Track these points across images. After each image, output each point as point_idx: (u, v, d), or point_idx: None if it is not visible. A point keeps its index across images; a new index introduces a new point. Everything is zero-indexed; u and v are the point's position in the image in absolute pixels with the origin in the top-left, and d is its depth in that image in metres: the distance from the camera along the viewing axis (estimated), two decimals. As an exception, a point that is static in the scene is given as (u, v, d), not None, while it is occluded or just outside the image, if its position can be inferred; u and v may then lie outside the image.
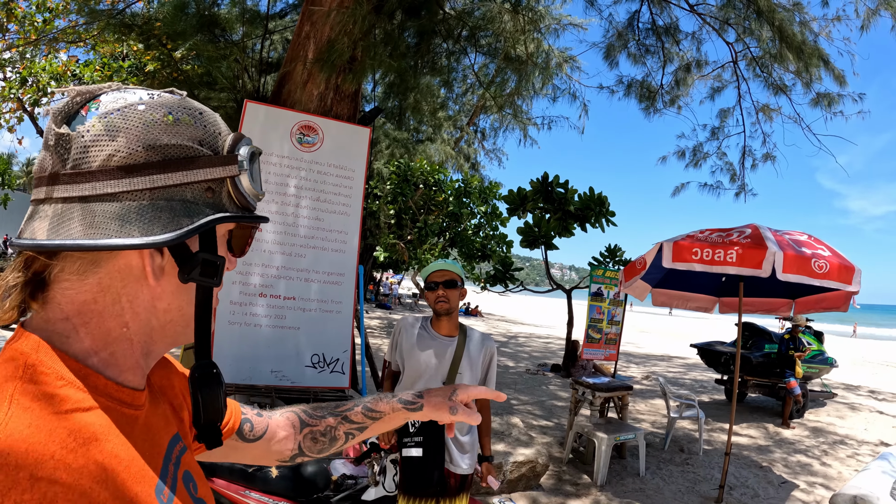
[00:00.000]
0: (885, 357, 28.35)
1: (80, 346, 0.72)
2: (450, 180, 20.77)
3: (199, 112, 0.79)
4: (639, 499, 6.00)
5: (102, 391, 0.71)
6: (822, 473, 7.35)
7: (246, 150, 0.82)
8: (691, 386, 13.42)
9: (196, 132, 0.77)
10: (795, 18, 8.88)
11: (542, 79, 10.36)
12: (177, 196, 0.74)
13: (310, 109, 6.03)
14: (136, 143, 0.71)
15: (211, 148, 0.78)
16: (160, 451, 0.80)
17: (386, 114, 10.79)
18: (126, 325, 0.75)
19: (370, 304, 32.91)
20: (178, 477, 0.83)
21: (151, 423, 0.81)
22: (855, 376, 17.82)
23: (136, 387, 0.78)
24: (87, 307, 0.72)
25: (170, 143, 0.73)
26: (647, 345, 24.92)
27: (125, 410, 0.74)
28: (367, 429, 1.27)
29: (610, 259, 13.35)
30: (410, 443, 3.17)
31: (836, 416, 10.89)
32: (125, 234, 0.69)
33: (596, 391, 7.21)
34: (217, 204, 0.78)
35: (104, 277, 0.73)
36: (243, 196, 0.81)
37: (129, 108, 0.73)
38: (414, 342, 3.26)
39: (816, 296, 7.12)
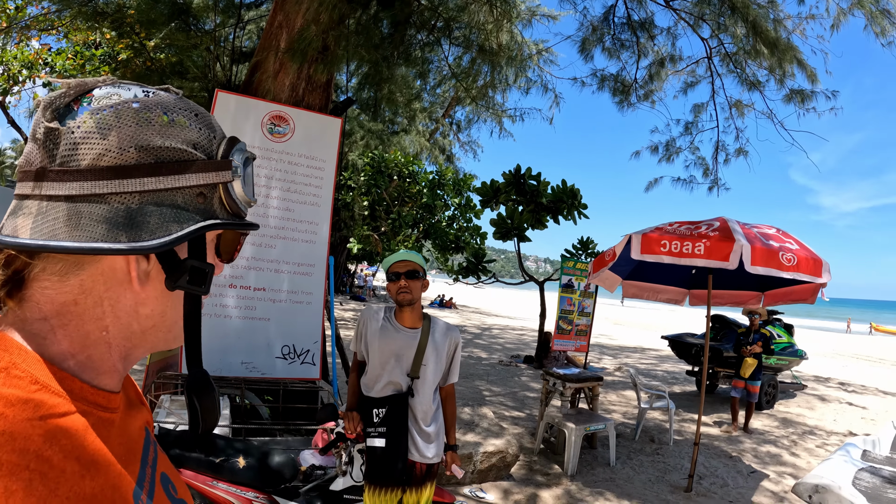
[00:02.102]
0: (856, 350, 28.86)
1: (56, 348, 0.69)
2: (424, 172, 20.77)
3: (195, 113, 0.77)
4: (609, 488, 6.06)
5: (78, 395, 0.68)
6: (790, 463, 7.48)
7: (240, 156, 0.80)
8: (663, 377, 13.58)
9: (191, 135, 0.74)
10: (769, 15, 8.96)
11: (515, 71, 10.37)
12: (167, 201, 0.71)
13: (281, 99, 5.99)
14: (128, 143, 0.69)
15: (205, 152, 0.75)
16: (137, 455, 0.78)
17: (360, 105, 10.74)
18: (106, 329, 0.72)
19: (344, 296, 32.81)
20: (156, 480, 0.81)
21: (127, 426, 0.79)
22: (825, 368, 18.14)
23: (113, 390, 0.75)
24: (67, 308, 0.69)
25: (163, 145, 0.71)
26: (621, 337, 25.12)
27: (101, 414, 0.71)
28: None
29: (582, 251, 13.44)
30: (374, 433, 3.18)
31: (805, 408, 11.09)
32: (112, 239, 0.67)
33: (566, 382, 7.26)
34: (208, 210, 0.76)
35: (87, 280, 0.70)
36: (235, 203, 0.79)
37: (122, 106, 0.70)
38: (377, 332, 3.24)
39: (785, 288, 7.23)
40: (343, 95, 10.49)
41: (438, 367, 3.33)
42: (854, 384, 14.94)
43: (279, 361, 5.51)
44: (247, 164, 0.82)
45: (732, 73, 10.77)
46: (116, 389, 0.76)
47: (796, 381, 13.48)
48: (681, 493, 6.09)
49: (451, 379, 3.46)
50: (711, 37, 10.33)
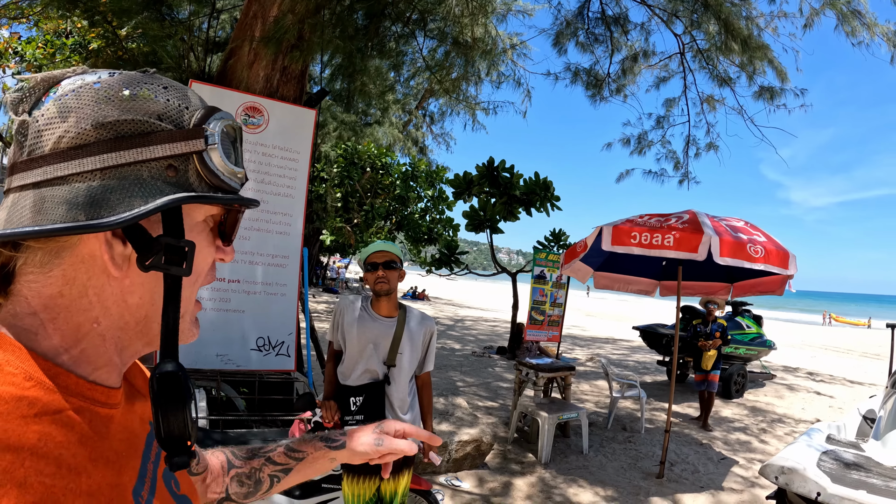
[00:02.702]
0: (824, 341, 29.42)
1: (48, 342, 0.67)
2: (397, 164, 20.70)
3: (164, 86, 0.72)
4: (582, 476, 6.16)
5: (74, 390, 0.66)
6: (760, 450, 7.66)
7: (217, 124, 0.73)
8: (635, 367, 13.76)
9: (155, 106, 0.69)
10: (742, 13, 9.08)
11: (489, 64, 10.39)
12: (131, 176, 0.67)
13: (255, 90, 5.95)
14: (86, 121, 0.66)
15: (173, 122, 0.70)
16: (138, 451, 0.76)
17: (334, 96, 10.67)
18: (96, 321, 0.70)
19: (317, 288, 32.66)
20: (158, 475, 0.79)
21: (128, 421, 0.76)
22: (794, 359, 18.50)
23: (111, 385, 0.73)
24: (54, 301, 0.67)
25: (122, 118, 0.67)
26: (593, 328, 25.33)
27: (99, 410, 0.69)
28: (293, 470, 1.20)
29: (554, 243, 13.51)
30: (352, 421, 3.21)
31: (774, 397, 11.32)
32: (70, 219, 0.63)
33: (539, 371, 7.35)
34: (182, 183, 0.70)
35: (68, 269, 0.67)
36: (215, 174, 0.72)
37: (83, 88, 0.68)
38: (354, 321, 3.27)
39: (753, 280, 7.36)
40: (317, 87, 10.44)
41: (414, 356, 3.38)
42: (822, 374, 15.27)
43: (254, 353, 5.50)
44: (230, 134, 0.77)
45: (704, 69, 10.88)
46: (115, 384, 0.74)
47: (765, 370, 13.74)
48: (653, 480, 6.20)
49: (426, 367, 3.51)
50: (684, 33, 10.43)
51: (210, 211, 0.78)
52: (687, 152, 12.66)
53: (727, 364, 11.09)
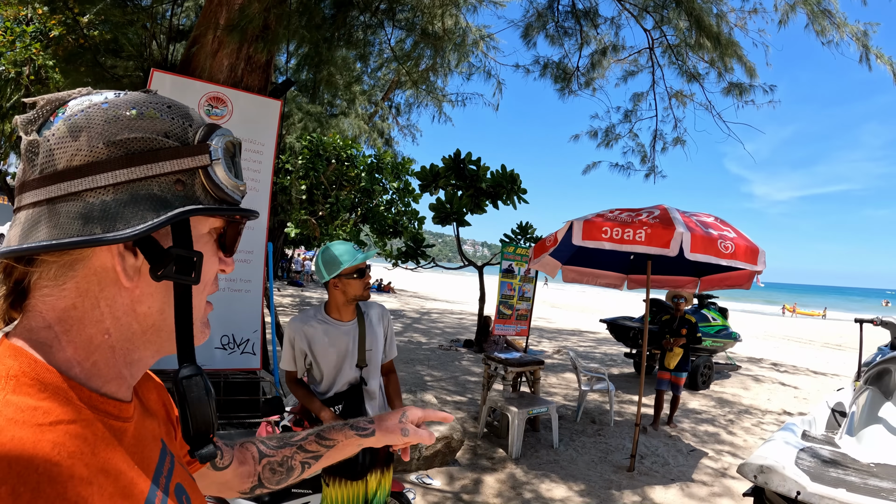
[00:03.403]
0: (787, 331, 29.99)
1: (62, 355, 0.70)
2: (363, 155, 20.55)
3: (168, 105, 0.76)
4: (553, 470, 6.13)
5: (87, 403, 0.69)
6: (728, 441, 7.70)
7: (219, 140, 0.78)
8: (601, 359, 13.83)
9: (161, 125, 0.74)
10: (713, 10, 9.10)
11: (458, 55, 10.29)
12: (142, 191, 0.71)
13: (219, 80, 5.78)
14: (98, 140, 0.69)
15: (179, 139, 0.75)
16: (150, 465, 0.77)
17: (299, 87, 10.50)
18: (107, 332, 0.73)
19: (282, 281, 32.36)
20: (171, 491, 0.80)
21: (140, 435, 0.78)
22: (758, 350, 18.80)
23: (122, 398, 0.76)
24: (68, 314, 0.70)
25: (131, 136, 0.71)
26: (559, 320, 25.47)
27: (112, 423, 0.72)
28: (323, 457, 1.29)
29: (521, 236, 13.49)
30: None
31: (740, 388, 11.45)
32: (87, 233, 0.67)
33: (508, 366, 7.31)
34: (189, 197, 0.74)
35: (81, 282, 0.70)
36: (219, 188, 0.77)
37: (92, 108, 0.71)
38: (324, 339, 3.15)
39: (721, 274, 7.42)
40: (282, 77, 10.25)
41: (379, 349, 3.32)
42: (786, 364, 15.51)
43: (218, 352, 5.36)
44: (231, 148, 0.81)
45: (673, 65, 10.92)
46: (126, 398, 0.77)
47: (731, 362, 13.92)
48: (624, 473, 6.20)
49: (390, 354, 3.45)
50: (654, 28, 10.44)
51: (214, 223, 0.82)
52: (654, 146, 12.71)
53: (694, 356, 11.19)
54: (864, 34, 8.71)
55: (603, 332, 18.33)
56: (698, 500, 5.67)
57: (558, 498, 5.44)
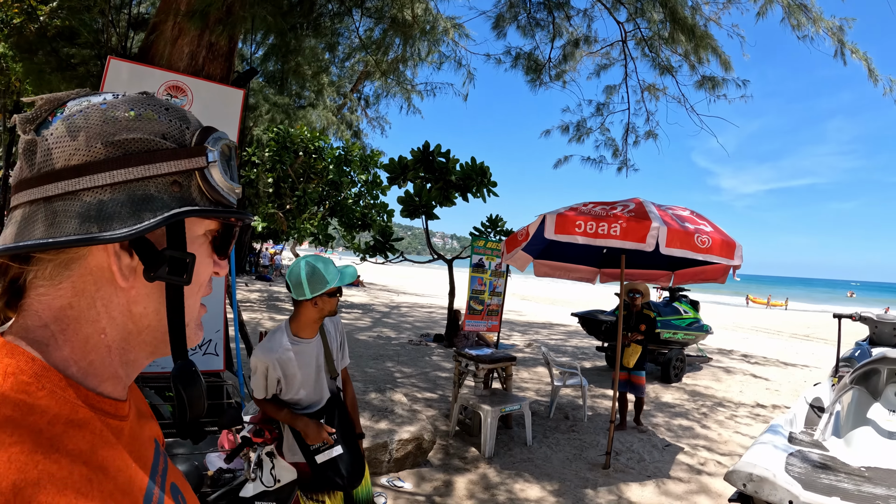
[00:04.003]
0: (755, 322, 30.39)
1: (59, 354, 0.69)
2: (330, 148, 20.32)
3: (165, 108, 0.76)
4: (527, 469, 6.02)
5: (84, 401, 0.68)
6: (703, 435, 7.67)
7: (216, 143, 0.78)
8: (573, 353, 13.81)
9: (159, 126, 0.74)
10: (687, 3, 9.05)
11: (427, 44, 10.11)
12: (139, 191, 0.71)
13: (179, 68, 5.55)
14: (96, 139, 0.69)
15: (176, 141, 0.75)
16: (147, 464, 0.77)
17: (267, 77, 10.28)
18: (103, 332, 0.73)
19: (249, 276, 31.96)
20: (166, 489, 0.80)
21: (136, 434, 0.78)
22: (728, 341, 18.98)
23: (118, 397, 0.76)
24: (64, 313, 0.70)
25: (129, 137, 0.71)
26: (529, 313, 25.49)
27: (109, 421, 0.71)
28: None
29: (491, 229, 13.42)
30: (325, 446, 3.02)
31: (712, 380, 11.51)
32: (83, 232, 0.67)
33: (479, 363, 7.17)
34: (185, 199, 0.74)
35: (77, 281, 0.71)
36: (215, 190, 0.77)
37: (90, 108, 0.71)
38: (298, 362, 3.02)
39: (696, 268, 7.35)
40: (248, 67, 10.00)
41: (339, 356, 3.28)
42: (756, 356, 15.70)
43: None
44: (227, 152, 0.81)
45: (646, 58, 10.89)
46: (122, 397, 0.77)
47: (701, 353, 13.99)
48: (599, 471, 6.11)
49: (344, 362, 3.37)
50: (627, 20, 10.40)
51: (209, 226, 0.82)
52: (626, 140, 12.70)
53: (666, 349, 11.21)
54: (839, 29, 8.71)
55: (574, 325, 18.34)
56: (675, 497, 5.59)
57: (533, 498, 5.32)
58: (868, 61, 8.68)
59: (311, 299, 2.96)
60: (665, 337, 11.22)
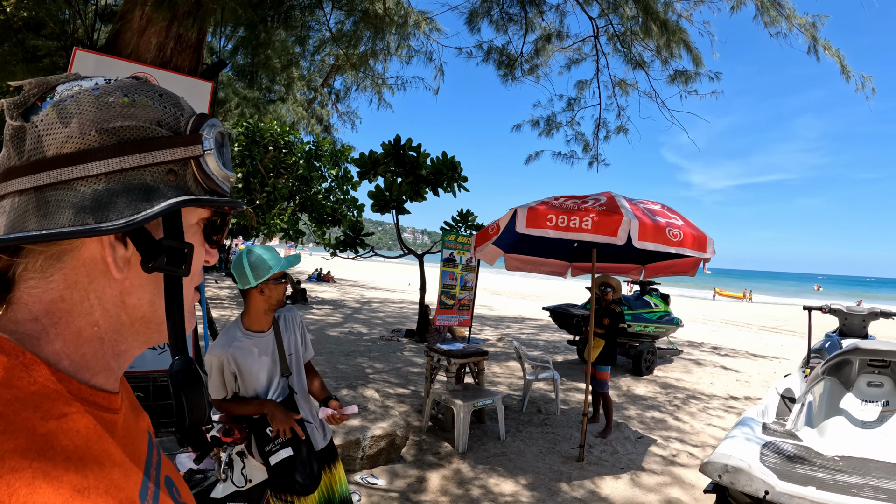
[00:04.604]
0: (723, 315, 30.81)
1: (51, 348, 0.67)
2: (301, 142, 20.15)
3: (159, 94, 0.74)
4: (501, 463, 6.02)
5: (77, 395, 0.66)
6: (675, 427, 7.75)
7: (211, 130, 0.76)
8: (545, 347, 13.86)
9: (154, 113, 0.72)
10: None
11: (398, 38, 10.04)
12: (135, 180, 0.69)
13: (147, 60, 5.44)
14: (90, 126, 0.67)
15: (171, 129, 0.73)
16: (141, 457, 0.76)
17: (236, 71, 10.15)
18: (97, 324, 0.71)
19: (220, 272, 31.60)
20: (161, 483, 0.79)
21: (129, 427, 0.77)
22: (698, 334, 19.21)
23: (111, 390, 0.74)
24: (56, 306, 0.68)
25: (124, 124, 0.69)
26: (501, 307, 25.54)
27: (103, 415, 0.69)
28: None
29: (462, 223, 13.41)
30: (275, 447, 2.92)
31: (683, 372, 11.66)
32: (79, 223, 0.65)
33: (451, 358, 7.16)
34: (181, 187, 0.73)
35: (69, 273, 0.69)
36: (210, 178, 0.76)
37: (83, 94, 0.69)
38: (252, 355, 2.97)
39: (667, 262, 7.42)
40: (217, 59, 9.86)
41: (299, 352, 3.20)
42: (725, 348, 15.93)
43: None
44: (221, 139, 0.79)
45: (618, 53, 10.96)
46: (115, 389, 0.75)
47: (672, 346, 14.14)
48: (573, 464, 6.13)
49: (308, 355, 3.30)
50: (600, 16, 10.46)
51: (202, 214, 0.80)
52: (597, 135, 12.80)
53: (637, 342, 11.31)
54: (812, 26, 8.83)
55: (545, 319, 18.42)
56: (649, 489, 5.63)
57: (507, 492, 5.32)
58: (840, 58, 8.81)
59: (256, 286, 2.92)
60: (636, 330, 11.32)
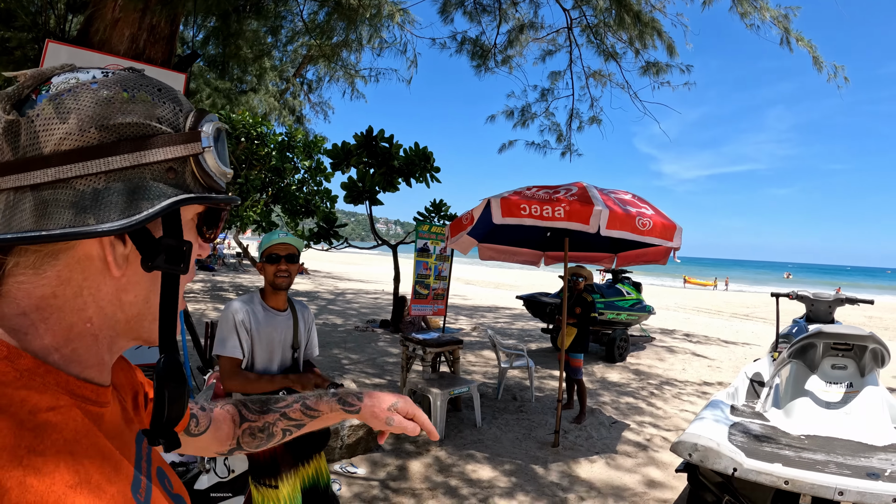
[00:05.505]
0: (696, 303, 31.22)
1: (39, 342, 0.67)
2: (273, 133, 19.99)
3: (158, 88, 0.73)
4: (478, 450, 6.09)
5: (64, 388, 0.66)
6: (649, 412, 7.90)
7: (210, 127, 0.75)
8: (519, 336, 13.96)
9: (154, 109, 0.70)
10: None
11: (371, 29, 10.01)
12: (135, 178, 0.68)
13: (119, 52, 5.39)
14: (89, 123, 0.65)
15: (171, 125, 0.72)
16: (131, 449, 0.76)
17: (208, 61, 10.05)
18: (90, 321, 0.70)
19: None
20: (153, 474, 0.79)
21: (118, 420, 0.77)
22: (670, 321, 19.45)
23: (101, 382, 0.74)
24: (46, 302, 0.67)
25: (125, 121, 0.67)
26: (475, 296, 25.62)
27: (91, 408, 0.70)
28: (305, 426, 1.30)
29: (435, 214, 13.44)
30: None
31: (656, 359, 11.82)
32: (80, 223, 0.64)
33: (427, 347, 7.21)
34: (180, 185, 0.72)
35: (63, 270, 0.67)
36: (209, 175, 0.75)
37: (81, 88, 0.67)
38: (261, 324, 3.07)
39: (638, 250, 7.52)
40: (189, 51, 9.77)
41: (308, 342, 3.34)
42: (697, 335, 16.15)
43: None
44: (219, 135, 0.78)
45: (591, 44, 11.05)
46: (105, 382, 0.75)
47: (645, 333, 14.32)
48: (549, 449, 6.23)
49: (314, 351, 3.43)
50: (574, 7, 10.51)
51: (197, 210, 0.80)
52: (570, 125, 12.91)
53: (609, 329, 11.45)
54: (784, 17, 8.96)
55: (519, 308, 18.53)
56: (624, 471, 5.74)
57: (485, 478, 5.39)
58: (813, 48, 8.95)
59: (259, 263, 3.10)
60: (609, 318, 11.46)
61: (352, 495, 4.88)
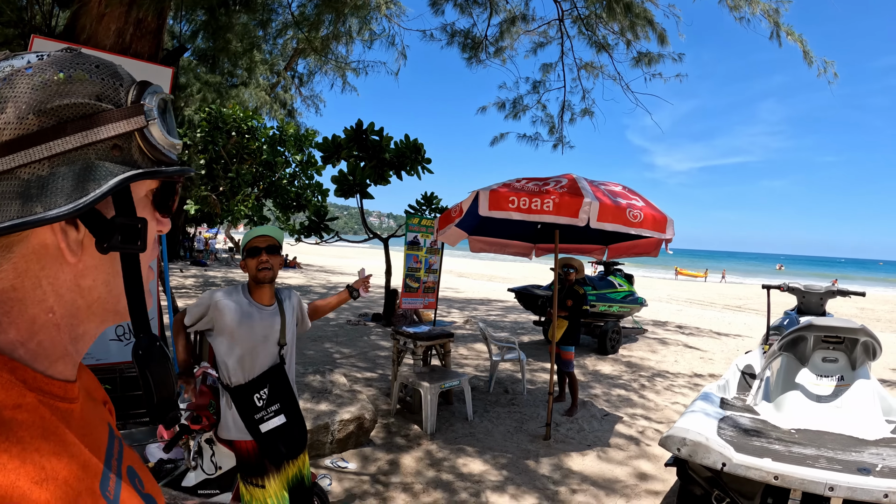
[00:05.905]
0: (688, 295, 31.30)
1: (4, 337, 0.66)
2: (264, 127, 19.93)
3: (96, 65, 0.70)
4: (470, 443, 6.10)
5: (32, 385, 0.65)
6: (640, 405, 7.91)
7: (153, 98, 0.72)
8: (511, 328, 13.96)
9: (93, 87, 0.67)
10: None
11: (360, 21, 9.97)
12: (80, 160, 0.65)
13: (106, 46, 5.35)
14: (27, 110, 0.63)
15: (112, 101, 0.69)
16: (101, 447, 0.75)
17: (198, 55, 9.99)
18: (51, 311, 0.69)
19: (184, 261, 31.21)
20: (123, 473, 0.77)
21: (88, 416, 0.76)
22: (662, 313, 19.49)
23: (68, 378, 0.73)
24: (6, 295, 0.66)
25: (63, 103, 0.65)
26: (467, 289, 25.61)
27: (59, 405, 0.68)
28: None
29: (426, 206, 13.42)
30: (268, 415, 3.03)
31: (648, 351, 11.84)
32: (27, 213, 0.62)
33: (418, 340, 7.20)
34: (127, 161, 0.69)
35: (20, 262, 0.66)
36: (156, 149, 0.72)
37: (15, 75, 0.64)
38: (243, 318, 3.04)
39: (629, 242, 7.50)
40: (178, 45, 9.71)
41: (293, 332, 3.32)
42: (689, 327, 16.17)
43: (113, 344, 5.01)
44: (164, 106, 0.75)
45: (583, 36, 11.03)
46: (72, 378, 0.74)
47: (637, 325, 14.34)
48: (540, 442, 6.24)
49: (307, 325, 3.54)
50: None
51: (150, 185, 0.78)
52: (562, 117, 12.88)
53: (601, 321, 11.47)
54: (775, 11, 8.95)
55: (511, 301, 18.54)
56: (616, 463, 5.76)
57: (477, 472, 5.40)
58: (803, 43, 8.95)
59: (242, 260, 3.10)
60: (600, 310, 11.47)
61: (343, 490, 4.88)
